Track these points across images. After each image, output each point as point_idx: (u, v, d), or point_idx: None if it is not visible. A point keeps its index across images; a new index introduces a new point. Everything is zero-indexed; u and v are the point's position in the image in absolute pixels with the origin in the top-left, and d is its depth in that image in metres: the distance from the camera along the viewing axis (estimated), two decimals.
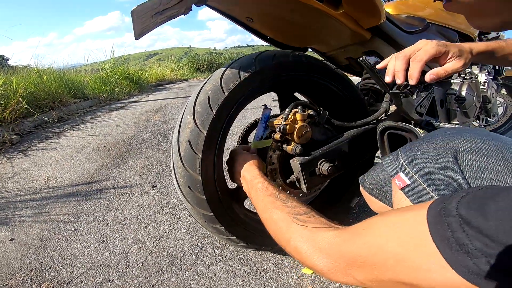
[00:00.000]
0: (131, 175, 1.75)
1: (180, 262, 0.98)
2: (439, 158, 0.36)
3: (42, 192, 1.59)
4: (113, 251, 1.06)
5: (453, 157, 0.35)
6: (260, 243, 0.90)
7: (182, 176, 0.71)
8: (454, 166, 0.35)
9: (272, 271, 0.92)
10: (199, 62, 12.31)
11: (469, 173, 0.34)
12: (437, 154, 0.37)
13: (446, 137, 0.37)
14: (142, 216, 1.29)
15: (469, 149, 0.35)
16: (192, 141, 0.69)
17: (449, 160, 0.35)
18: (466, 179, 0.34)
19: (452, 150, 0.36)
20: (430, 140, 0.39)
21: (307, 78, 0.87)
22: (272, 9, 0.85)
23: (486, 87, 1.43)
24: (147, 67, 10.77)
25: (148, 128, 2.96)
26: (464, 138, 0.36)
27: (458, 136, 0.37)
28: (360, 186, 0.74)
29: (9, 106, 2.97)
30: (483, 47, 0.59)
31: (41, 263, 1.02)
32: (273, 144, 0.78)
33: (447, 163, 0.35)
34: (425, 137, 0.41)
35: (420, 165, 0.38)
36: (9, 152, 2.36)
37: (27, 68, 4.54)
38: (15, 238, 1.17)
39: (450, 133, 0.38)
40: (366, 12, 0.89)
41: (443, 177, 0.35)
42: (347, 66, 1.24)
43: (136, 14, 0.59)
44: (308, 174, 0.73)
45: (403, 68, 0.55)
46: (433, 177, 0.36)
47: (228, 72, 0.74)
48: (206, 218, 0.76)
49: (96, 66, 6.51)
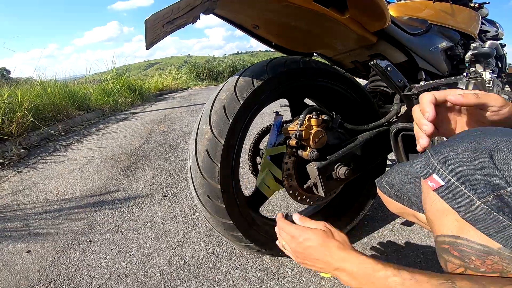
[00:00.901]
0: (141, 186, 1.76)
1: (197, 271, 0.98)
2: (474, 158, 0.36)
3: (54, 204, 1.61)
4: (130, 262, 1.06)
5: (489, 156, 0.35)
6: (277, 248, 0.90)
7: (201, 186, 0.72)
8: (491, 166, 0.35)
9: (290, 276, 0.92)
10: (199, 70, 12.41)
11: (506, 172, 0.34)
12: (472, 154, 0.36)
13: (478, 137, 0.37)
14: (156, 226, 1.29)
15: (504, 148, 0.35)
16: (210, 150, 0.70)
17: (485, 160, 0.35)
18: (505, 178, 0.34)
19: (487, 150, 0.35)
20: (461, 141, 0.39)
21: (317, 83, 0.88)
22: (278, 16, 0.87)
23: (492, 85, 1.44)
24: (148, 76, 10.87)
25: (154, 138, 2.98)
26: (498, 138, 0.36)
27: (490, 136, 0.37)
28: (377, 188, 0.75)
29: (15, 120, 2.99)
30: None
31: (59, 274, 1.03)
32: (288, 150, 0.79)
33: (483, 163, 0.35)
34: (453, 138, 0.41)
35: (454, 165, 0.38)
36: (17, 166, 2.39)
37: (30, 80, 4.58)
38: (32, 250, 1.18)
39: (480, 134, 0.38)
40: (372, 16, 0.91)
41: (481, 177, 0.35)
42: (353, 69, 1.25)
43: (149, 23, 0.60)
44: (326, 179, 0.74)
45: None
46: (469, 177, 0.36)
47: (242, 80, 0.76)
48: (225, 226, 0.77)
49: (97, 77, 6.56)
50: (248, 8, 0.83)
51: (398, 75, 0.83)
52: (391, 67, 0.82)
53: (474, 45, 1.45)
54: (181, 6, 0.59)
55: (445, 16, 1.37)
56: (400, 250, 0.99)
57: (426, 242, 1.01)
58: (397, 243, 1.03)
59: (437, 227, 0.42)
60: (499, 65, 1.89)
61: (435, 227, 0.43)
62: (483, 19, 1.79)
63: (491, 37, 1.85)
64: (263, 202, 0.93)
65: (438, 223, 0.42)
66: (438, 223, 0.42)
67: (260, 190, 0.87)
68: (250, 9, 0.85)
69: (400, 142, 0.77)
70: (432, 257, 0.94)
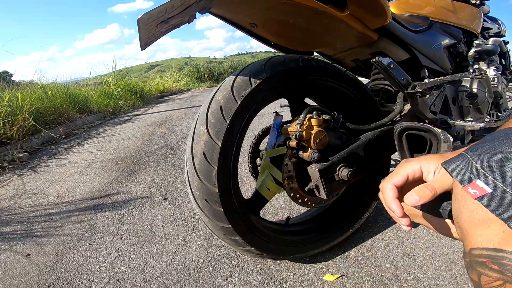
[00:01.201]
0: (142, 188, 1.74)
1: (197, 275, 0.96)
2: None
3: (54, 207, 1.59)
4: (129, 265, 1.05)
5: None
6: (278, 252, 0.88)
7: (198, 189, 0.70)
8: None
9: (292, 280, 0.90)
10: (200, 72, 12.44)
11: None
12: None
13: None
14: (156, 229, 1.28)
15: None
16: (207, 153, 0.68)
17: None
18: None
19: None
20: (508, 140, 0.34)
21: (317, 82, 0.86)
22: (276, 15, 0.85)
23: (496, 82, 1.41)
24: (149, 78, 10.88)
25: (155, 140, 2.97)
26: None
27: None
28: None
29: (16, 123, 2.99)
30: None
31: (58, 278, 1.02)
32: (288, 151, 0.77)
33: None
34: (497, 137, 0.36)
35: (505, 170, 0.33)
36: (19, 169, 2.38)
37: (31, 83, 4.58)
38: (31, 254, 1.17)
39: None
40: (372, 13, 0.88)
41: None
42: (354, 68, 1.23)
43: (142, 22, 0.59)
44: (327, 181, 0.72)
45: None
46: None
47: (239, 80, 0.74)
48: (224, 231, 0.75)
49: (98, 80, 6.57)
50: (245, 7, 0.81)
51: (401, 73, 0.80)
52: (394, 64, 0.79)
53: (477, 42, 1.42)
54: (175, 5, 0.57)
55: (447, 13, 1.35)
56: (405, 252, 0.96)
57: (432, 244, 0.99)
58: (402, 245, 1.00)
59: (474, 238, 0.37)
60: (503, 62, 1.86)
61: (470, 238, 0.38)
62: (485, 16, 1.76)
63: (494, 34, 1.82)
64: (264, 205, 0.91)
65: (476, 234, 0.37)
66: (477, 234, 0.37)
67: (260, 192, 0.85)
68: (247, 8, 0.83)
69: (404, 141, 0.75)
70: (438, 259, 0.91)
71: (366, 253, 0.98)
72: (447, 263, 0.89)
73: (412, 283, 0.83)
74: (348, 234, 1.01)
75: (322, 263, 0.96)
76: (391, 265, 0.91)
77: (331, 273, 0.91)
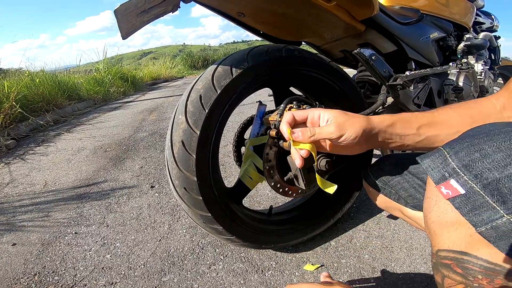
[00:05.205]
0: (129, 176, 1.74)
1: (181, 263, 0.98)
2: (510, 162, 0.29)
3: (41, 196, 1.58)
4: (114, 254, 1.05)
5: None
6: (260, 241, 0.89)
7: (177, 178, 0.70)
8: None
9: (274, 269, 0.91)
10: (194, 59, 12.26)
11: None
12: (506, 157, 0.30)
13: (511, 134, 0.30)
14: (142, 217, 1.28)
15: None
16: (186, 141, 0.68)
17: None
18: None
19: None
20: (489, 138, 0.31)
21: (301, 72, 0.85)
22: (263, 3, 0.84)
23: (483, 77, 1.42)
24: (142, 66, 10.68)
25: (145, 127, 2.94)
26: None
27: None
28: (363, 180, 0.73)
29: (3, 111, 2.95)
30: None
31: (44, 267, 1.02)
32: (269, 140, 0.77)
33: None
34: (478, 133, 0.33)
35: (482, 170, 0.31)
36: (5, 157, 2.34)
37: (19, 71, 4.48)
38: (17, 243, 1.17)
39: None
40: (358, 4, 0.88)
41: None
42: (342, 59, 1.22)
43: (119, 13, 0.58)
44: (306, 171, 0.72)
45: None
46: (500, 186, 0.29)
47: (220, 69, 0.73)
48: (204, 219, 0.75)
49: (89, 67, 6.44)
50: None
51: (383, 65, 0.80)
52: (376, 56, 0.79)
53: (467, 36, 1.42)
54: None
55: (439, 6, 1.34)
56: (384, 244, 0.99)
57: (410, 237, 1.01)
58: (381, 236, 1.03)
59: (441, 240, 0.37)
60: (492, 57, 1.87)
61: (438, 239, 0.38)
62: (479, 11, 1.75)
63: (486, 29, 1.82)
64: (246, 194, 0.91)
65: (443, 236, 0.37)
66: (444, 236, 0.37)
67: (243, 181, 0.86)
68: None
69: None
70: (415, 252, 0.93)
71: (347, 244, 1.00)
72: (423, 257, 0.91)
73: (388, 275, 0.85)
74: (329, 224, 1.02)
75: (304, 252, 0.98)
76: (369, 257, 0.93)
77: (311, 263, 0.92)
